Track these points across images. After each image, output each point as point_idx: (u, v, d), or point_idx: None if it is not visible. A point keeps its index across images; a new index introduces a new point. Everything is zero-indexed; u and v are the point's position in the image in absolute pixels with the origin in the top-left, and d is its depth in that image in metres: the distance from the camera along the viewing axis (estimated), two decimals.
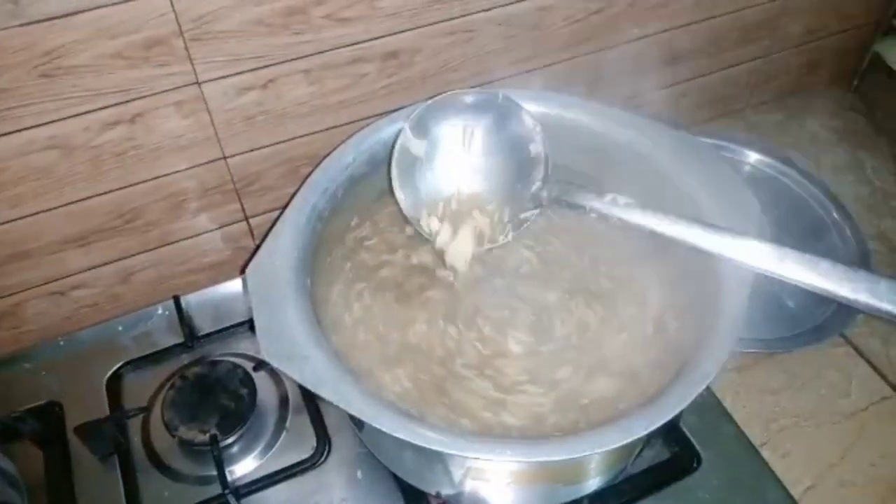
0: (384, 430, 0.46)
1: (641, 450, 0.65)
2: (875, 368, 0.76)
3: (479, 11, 0.72)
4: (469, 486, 0.57)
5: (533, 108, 0.66)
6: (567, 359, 0.61)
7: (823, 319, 0.78)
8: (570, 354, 0.62)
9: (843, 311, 0.78)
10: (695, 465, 0.67)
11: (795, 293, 0.81)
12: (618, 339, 0.62)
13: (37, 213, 0.68)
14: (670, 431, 0.69)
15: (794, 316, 0.80)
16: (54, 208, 0.68)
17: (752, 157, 0.96)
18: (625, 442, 0.45)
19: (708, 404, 0.72)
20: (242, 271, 0.74)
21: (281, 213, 0.61)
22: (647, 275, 0.65)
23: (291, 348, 0.51)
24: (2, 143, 0.61)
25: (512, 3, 0.73)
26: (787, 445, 0.70)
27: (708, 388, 0.72)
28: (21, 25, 0.55)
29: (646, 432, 0.45)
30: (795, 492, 0.66)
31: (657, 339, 0.60)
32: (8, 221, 0.67)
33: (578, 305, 0.65)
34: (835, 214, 0.88)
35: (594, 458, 0.53)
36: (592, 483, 0.59)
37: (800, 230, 0.88)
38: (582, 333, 0.64)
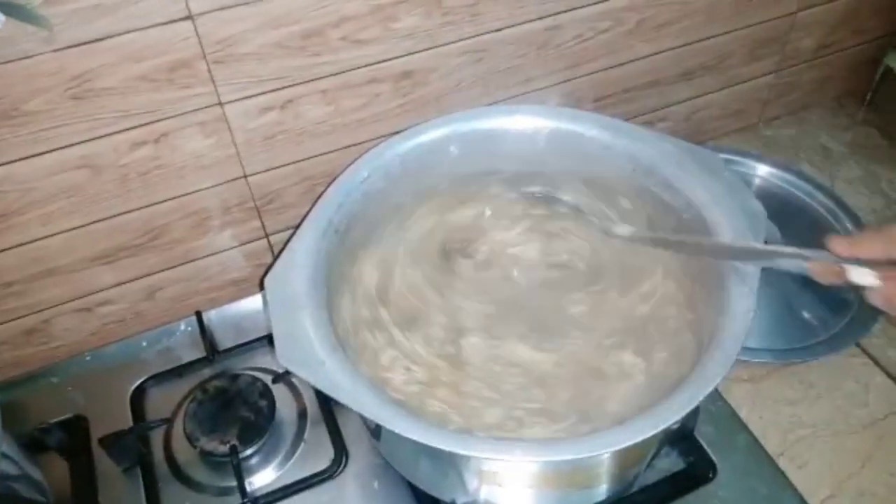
0: (397, 431, 0.47)
1: (654, 456, 0.66)
2: (892, 378, 0.75)
3: (490, 32, 0.74)
4: (484, 492, 0.57)
5: (542, 123, 0.67)
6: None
7: (839, 329, 0.78)
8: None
9: (859, 321, 0.78)
10: (711, 475, 0.67)
11: (810, 303, 0.81)
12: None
13: (66, 230, 0.70)
14: (685, 441, 0.69)
15: (808, 326, 0.79)
16: (83, 226, 0.70)
17: (765, 170, 0.96)
18: (633, 442, 0.46)
19: (724, 415, 0.72)
20: (261, 286, 0.76)
21: (297, 227, 0.63)
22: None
23: (308, 354, 0.52)
24: (35, 163, 0.64)
25: (522, 23, 0.75)
26: (804, 456, 0.70)
27: (723, 399, 0.73)
28: (54, 51, 0.58)
29: (654, 432, 0.46)
30: (813, 502, 0.66)
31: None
32: (39, 239, 0.70)
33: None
34: (849, 226, 0.88)
35: (605, 461, 0.54)
36: (605, 489, 0.59)
37: (814, 243, 0.88)
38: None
